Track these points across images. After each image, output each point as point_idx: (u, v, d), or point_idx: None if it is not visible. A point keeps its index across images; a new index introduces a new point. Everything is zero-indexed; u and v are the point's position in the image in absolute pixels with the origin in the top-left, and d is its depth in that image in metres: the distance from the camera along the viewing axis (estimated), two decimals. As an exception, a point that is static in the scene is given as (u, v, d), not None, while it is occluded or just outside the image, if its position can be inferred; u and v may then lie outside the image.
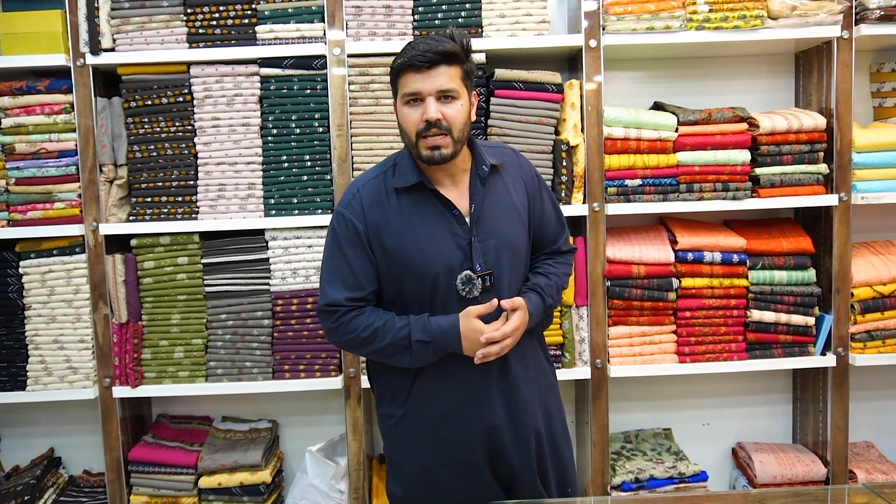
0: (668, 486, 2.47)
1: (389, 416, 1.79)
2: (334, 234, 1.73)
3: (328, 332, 1.75)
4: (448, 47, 1.62)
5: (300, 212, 2.40)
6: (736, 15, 2.36)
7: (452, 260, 1.68)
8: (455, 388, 1.72)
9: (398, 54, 1.66)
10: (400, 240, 1.68)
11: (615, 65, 2.64)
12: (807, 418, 2.67)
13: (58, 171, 2.39)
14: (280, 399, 2.70)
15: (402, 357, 1.68)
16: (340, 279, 1.70)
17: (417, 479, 1.77)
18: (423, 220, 1.68)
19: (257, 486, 2.46)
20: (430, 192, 1.70)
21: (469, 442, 1.74)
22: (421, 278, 1.68)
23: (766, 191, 2.42)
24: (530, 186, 1.82)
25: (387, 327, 1.67)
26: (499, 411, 1.74)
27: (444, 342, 1.66)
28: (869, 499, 1.56)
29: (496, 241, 1.71)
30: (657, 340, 2.46)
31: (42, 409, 2.67)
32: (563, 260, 1.90)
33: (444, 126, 1.62)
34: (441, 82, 1.62)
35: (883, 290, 2.46)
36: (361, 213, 1.70)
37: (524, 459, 1.77)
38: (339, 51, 2.34)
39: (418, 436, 1.75)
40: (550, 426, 1.83)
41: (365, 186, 1.73)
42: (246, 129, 2.40)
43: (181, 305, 2.42)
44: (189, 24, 2.35)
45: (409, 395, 1.74)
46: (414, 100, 1.64)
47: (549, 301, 1.80)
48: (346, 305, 1.69)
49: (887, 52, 2.68)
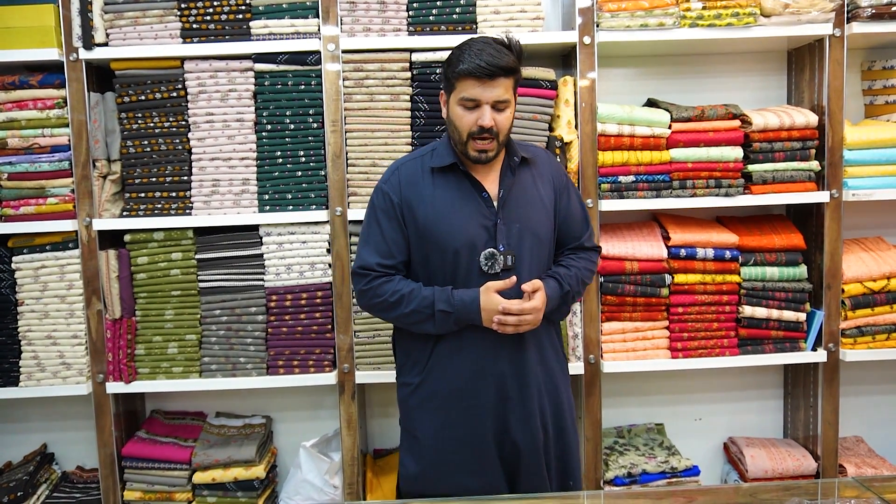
0: (660, 480, 2.49)
1: (407, 385, 1.93)
2: (373, 206, 1.90)
3: (359, 294, 1.90)
4: (509, 62, 1.76)
5: (294, 207, 2.40)
6: (729, 12, 2.37)
7: (477, 238, 1.82)
8: (470, 361, 1.84)
9: (457, 57, 1.78)
10: (430, 214, 1.83)
11: (609, 61, 2.65)
12: (797, 413, 2.70)
13: (51, 167, 2.38)
14: (274, 394, 2.70)
15: (425, 324, 1.82)
16: (374, 246, 1.87)
17: (431, 452, 1.88)
18: (453, 198, 1.84)
19: (251, 482, 2.46)
20: (462, 174, 1.86)
21: (478, 415, 1.85)
22: (445, 252, 1.82)
23: (758, 187, 2.43)
24: (558, 183, 1.96)
25: (413, 295, 1.81)
26: (509, 388, 1.85)
27: (465, 314, 1.79)
28: (859, 492, 1.57)
29: (520, 227, 1.85)
30: (650, 336, 2.47)
31: (35, 405, 2.67)
32: (586, 256, 2.00)
33: (494, 132, 1.78)
34: (498, 93, 1.77)
35: (873, 287, 2.48)
36: (398, 188, 1.86)
37: (529, 439, 1.87)
38: (333, 46, 2.34)
39: (431, 405, 1.88)
40: (559, 415, 1.93)
41: (404, 165, 1.91)
42: (240, 125, 2.39)
43: (175, 301, 2.42)
44: (183, 19, 2.35)
45: (427, 363, 1.87)
46: (471, 104, 1.77)
47: (566, 288, 1.89)
48: (377, 270, 1.85)
49: (879, 49, 2.69)
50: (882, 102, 2.63)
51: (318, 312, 2.42)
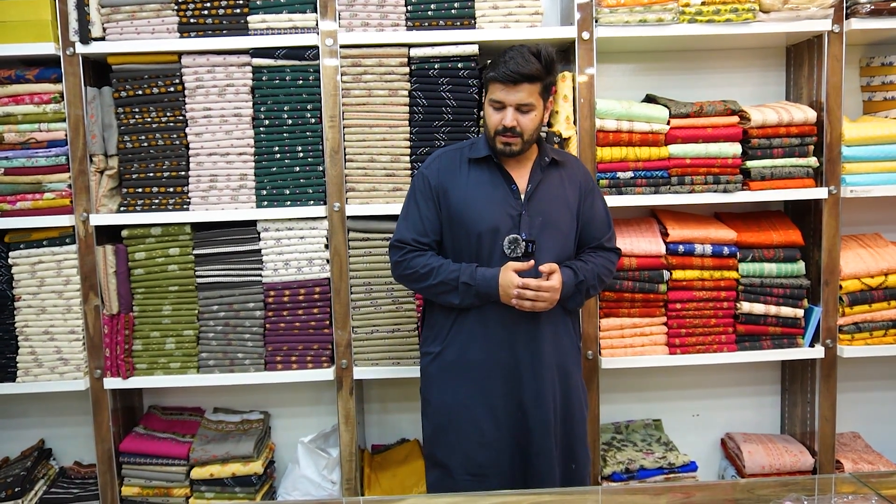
0: (657, 476, 2.50)
1: (428, 354, 2.07)
2: (413, 187, 2.07)
3: (394, 265, 2.06)
4: (531, 70, 1.89)
5: (292, 203, 2.39)
6: (728, 8, 2.37)
7: (502, 224, 1.97)
8: (487, 336, 1.98)
9: (495, 61, 1.95)
10: (462, 199, 1.99)
11: (608, 57, 2.65)
12: (795, 409, 2.70)
13: (47, 162, 2.37)
14: (272, 390, 2.70)
15: (450, 296, 1.96)
16: (411, 223, 2.04)
17: (444, 411, 2.02)
18: (484, 186, 2.00)
19: (249, 477, 2.46)
20: (495, 166, 2.01)
21: (491, 389, 1.98)
22: (471, 234, 1.98)
23: (756, 184, 2.43)
24: (585, 188, 2.09)
25: (442, 269, 1.97)
26: (522, 367, 1.98)
27: (485, 288, 1.93)
28: (856, 488, 1.58)
29: (543, 220, 1.99)
30: (648, 332, 2.48)
31: (32, 401, 2.66)
32: (605, 255, 2.11)
33: (517, 132, 1.94)
34: (520, 97, 1.92)
35: (871, 283, 2.48)
36: (437, 173, 2.03)
37: (540, 418, 1.97)
38: (331, 41, 2.33)
39: (449, 373, 2.02)
40: (567, 398, 2.03)
41: (445, 153, 2.08)
42: (238, 120, 2.39)
43: (172, 296, 2.41)
44: (180, 13, 2.34)
45: (448, 334, 2.02)
46: (497, 105, 1.93)
47: (581, 277, 2.00)
48: (411, 245, 2.02)
49: (877, 46, 2.69)
50: (880, 99, 2.63)
51: (315, 308, 2.42)
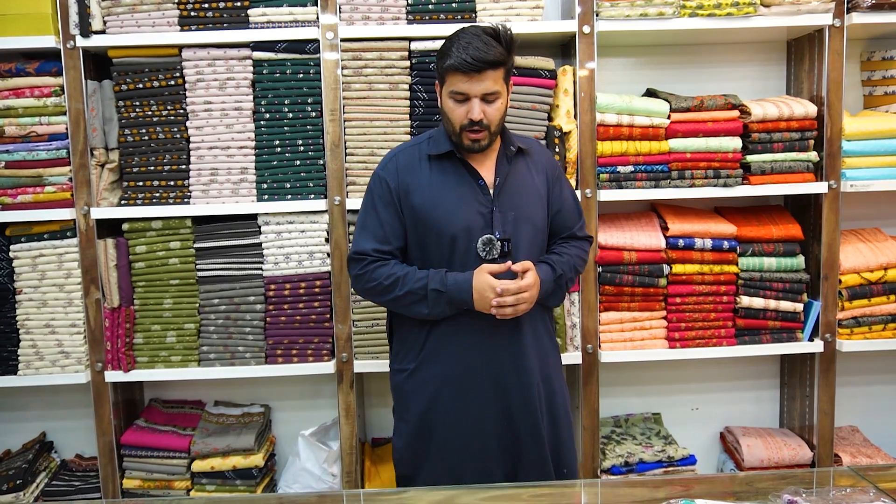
0: (656, 469, 2.51)
1: (402, 371, 1.92)
2: (370, 192, 1.91)
3: (354, 278, 1.91)
4: (496, 55, 1.74)
5: (293, 196, 2.39)
6: (729, 2, 2.36)
7: (473, 224, 1.83)
8: (466, 346, 1.85)
9: (447, 50, 1.78)
10: (427, 200, 1.84)
11: (608, 51, 2.64)
12: (794, 403, 2.71)
13: (48, 155, 2.37)
14: (273, 383, 2.71)
15: (419, 306, 1.81)
16: (371, 231, 1.88)
17: (417, 427, 1.88)
18: (450, 185, 1.85)
19: (250, 470, 2.47)
20: (459, 162, 1.87)
21: (476, 401, 1.85)
22: (442, 237, 1.83)
23: (756, 178, 2.43)
24: (551, 175, 1.97)
25: (407, 277, 1.82)
26: (506, 374, 1.86)
27: (457, 294, 1.79)
28: (854, 481, 1.58)
29: (515, 214, 1.86)
30: (648, 326, 2.48)
31: (34, 394, 2.67)
32: (578, 244, 2.02)
33: (484, 124, 1.79)
34: (486, 86, 1.76)
35: (870, 277, 2.49)
36: (396, 174, 1.87)
37: (529, 426, 1.87)
38: (332, 35, 2.33)
39: (427, 389, 1.87)
40: (551, 402, 1.93)
41: (402, 152, 1.92)
42: (238, 114, 2.39)
43: (173, 290, 2.42)
44: (181, 6, 2.33)
45: (423, 349, 1.87)
46: (461, 98, 1.78)
47: (559, 271, 1.90)
48: (372, 255, 1.86)
49: (878, 40, 2.69)
50: (881, 93, 2.63)
51: (316, 301, 2.42)
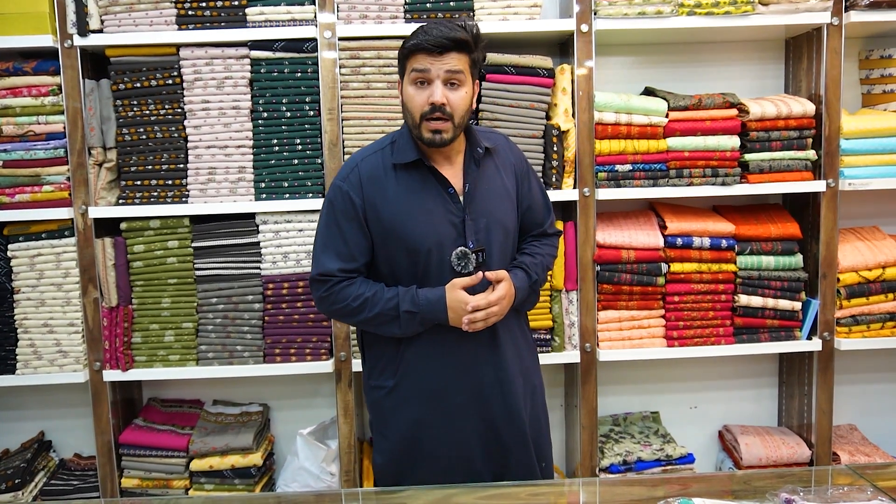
0: (655, 468, 2.51)
1: (380, 388, 1.83)
2: (331, 206, 1.78)
3: (319, 300, 1.80)
4: (460, 35, 1.68)
5: (291, 196, 2.39)
6: (727, 0, 2.36)
7: (445, 236, 1.74)
8: (445, 360, 1.77)
9: (410, 37, 1.72)
10: (396, 214, 1.73)
11: (606, 50, 2.64)
12: (792, 401, 2.71)
13: (46, 154, 2.37)
14: (271, 382, 2.71)
15: (391, 327, 1.73)
16: (335, 250, 1.76)
17: (400, 445, 1.81)
18: (419, 196, 1.74)
19: (248, 469, 2.47)
20: (427, 170, 1.76)
21: (460, 414, 1.79)
22: (414, 252, 1.74)
23: (754, 176, 2.43)
24: (519, 171, 1.89)
25: (376, 297, 1.73)
26: (488, 386, 1.79)
27: (431, 313, 1.71)
28: (852, 480, 1.58)
29: (487, 221, 1.78)
30: (646, 325, 2.48)
31: (32, 393, 2.67)
32: (549, 242, 1.97)
33: (447, 112, 1.69)
34: (450, 64, 1.68)
35: (868, 276, 2.49)
36: (359, 186, 1.75)
37: (516, 435, 1.81)
38: (329, 34, 2.33)
39: (407, 406, 1.79)
40: (533, 400, 1.89)
41: (364, 161, 1.78)
42: (236, 113, 2.38)
43: (171, 289, 2.42)
44: (178, 5, 2.33)
45: (400, 365, 1.79)
46: (421, 81, 1.69)
47: (534, 276, 1.85)
48: (338, 276, 1.75)
49: (876, 38, 2.69)
50: (879, 92, 2.63)
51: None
